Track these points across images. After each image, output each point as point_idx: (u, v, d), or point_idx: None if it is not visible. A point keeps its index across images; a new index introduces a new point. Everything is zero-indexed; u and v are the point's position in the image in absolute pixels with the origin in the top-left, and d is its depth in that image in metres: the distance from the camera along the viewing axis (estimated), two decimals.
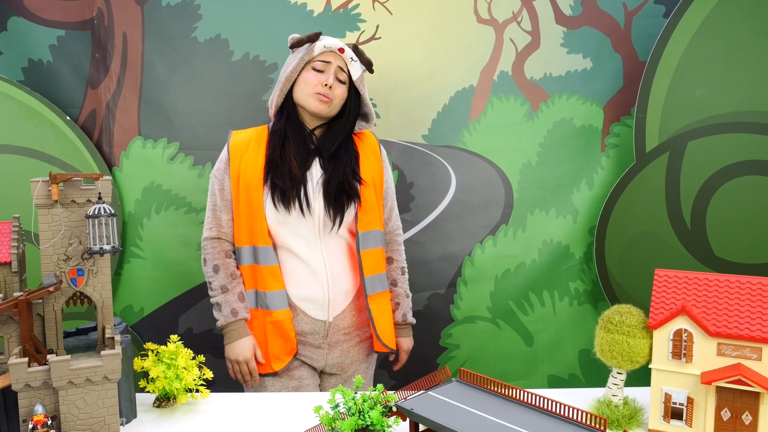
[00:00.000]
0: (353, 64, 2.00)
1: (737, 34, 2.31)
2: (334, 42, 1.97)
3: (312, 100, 1.96)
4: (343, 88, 2.01)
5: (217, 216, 2.01)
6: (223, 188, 2.00)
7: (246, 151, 1.99)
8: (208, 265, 1.99)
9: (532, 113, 2.59)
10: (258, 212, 1.94)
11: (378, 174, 2.10)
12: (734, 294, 1.37)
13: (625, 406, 1.48)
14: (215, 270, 1.98)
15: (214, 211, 2.02)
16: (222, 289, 1.96)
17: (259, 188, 1.94)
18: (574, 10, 2.56)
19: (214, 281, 1.97)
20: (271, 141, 1.98)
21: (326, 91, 1.96)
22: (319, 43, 1.96)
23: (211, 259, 1.99)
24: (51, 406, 1.30)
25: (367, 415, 1.18)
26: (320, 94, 1.95)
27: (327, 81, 1.95)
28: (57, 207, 1.36)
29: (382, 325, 2.06)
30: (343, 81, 2.00)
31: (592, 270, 2.62)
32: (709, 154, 2.36)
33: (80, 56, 2.47)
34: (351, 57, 1.99)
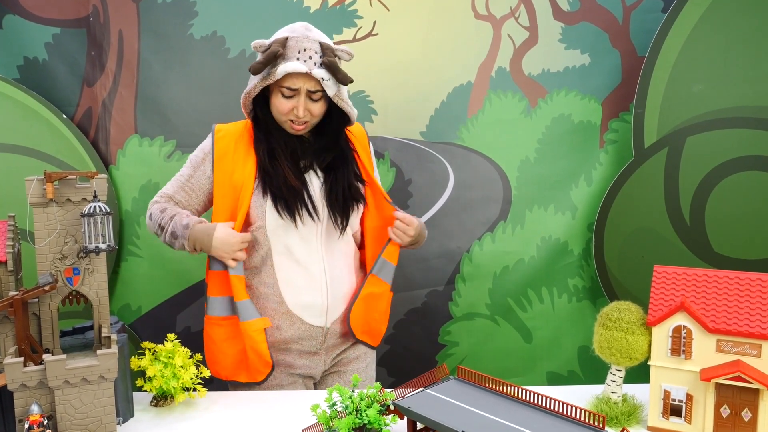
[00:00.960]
0: (326, 83, 1.73)
1: (735, 30, 2.30)
2: (296, 66, 1.70)
3: (286, 126, 1.82)
4: (320, 105, 1.80)
5: (169, 191, 1.89)
6: (193, 175, 1.87)
7: (234, 151, 1.84)
8: (154, 217, 1.84)
9: (530, 109, 2.58)
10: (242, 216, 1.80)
11: (370, 167, 1.99)
12: (733, 290, 1.37)
13: (624, 403, 1.48)
14: (162, 211, 1.83)
15: (172, 189, 1.89)
16: (171, 218, 1.81)
17: (248, 193, 1.80)
18: (572, 5, 2.55)
19: (163, 220, 1.81)
20: (258, 150, 1.83)
21: (300, 118, 1.78)
22: (281, 68, 1.70)
23: (156, 208, 1.85)
24: (47, 405, 1.29)
25: (365, 413, 1.17)
26: (292, 125, 1.80)
27: (297, 112, 1.75)
28: (52, 206, 1.35)
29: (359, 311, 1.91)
30: (316, 99, 1.78)
31: (590, 266, 2.62)
32: (708, 150, 2.35)
33: (76, 54, 2.46)
34: (322, 77, 1.72)
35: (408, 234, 1.90)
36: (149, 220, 1.87)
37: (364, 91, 2.53)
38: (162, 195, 1.91)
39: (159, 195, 1.91)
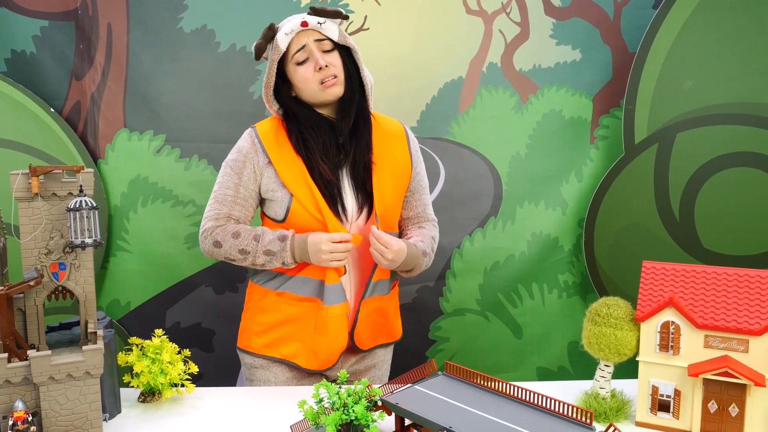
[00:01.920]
0: (325, 27, 1.73)
1: (726, 26, 2.31)
2: (292, 23, 1.73)
3: (323, 94, 1.75)
4: (335, 56, 1.76)
5: (223, 210, 1.77)
6: (240, 183, 1.77)
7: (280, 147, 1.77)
8: (225, 242, 1.73)
9: (522, 105, 2.58)
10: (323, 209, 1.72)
11: (404, 163, 1.88)
12: (721, 286, 1.37)
13: (613, 398, 1.48)
14: (236, 236, 1.73)
15: (222, 203, 1.78)
16: (255, 239, 1.71)
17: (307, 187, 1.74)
18: (563, 1, 2.55)
19: (243, 243, 1.71)
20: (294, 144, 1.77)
21: (327, 73, 1.73)
22: (280, 35, 1.73)
23: (224, 234, 1.74)
24: (32, 402, 1.28)
25: (352, 409, 1.17)
26: (324, 80, 1.73)
27: (319, 64, 1.71)
28: (38, 200, 1.33)
29: (366, 328, 1.84)
30: (329, 49, 1.76)
31: (581, 262, 2.62)
32: (698, 146, 2.36)
33: (64, 47, 2.44)
34: (318, 22, 1.73)
35: (385, 257, 1.71)
36: (216, 248, 1.75)
37: None
38: (217, 217, 1.77)
39: (213, 218, 1.77)
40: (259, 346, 1.84)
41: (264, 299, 1.83)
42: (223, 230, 1.75)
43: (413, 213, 1.96)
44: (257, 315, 1.85)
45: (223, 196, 1.79)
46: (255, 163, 1.77)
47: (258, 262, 1.74)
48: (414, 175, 1.92)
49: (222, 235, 1.74)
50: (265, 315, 1.83)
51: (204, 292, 2.53)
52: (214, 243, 1.75)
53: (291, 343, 1.81)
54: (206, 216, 1.80)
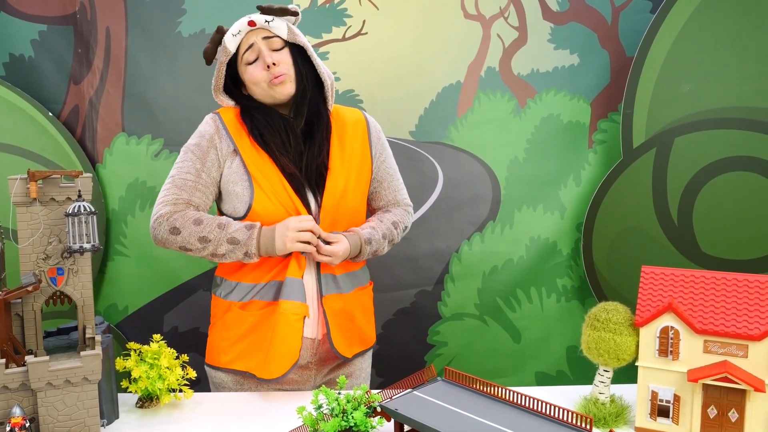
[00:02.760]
0: (273, 25, 1.71)
1: (724, 30, 2.31)
2: (240, 23, 1.71)
3: (273, 92, 1.72)
4: (285, 53, 1.73)
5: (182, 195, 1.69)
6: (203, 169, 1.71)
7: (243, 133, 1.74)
8: (185, 228, 1.64)
9: (520, 109, 2.58)
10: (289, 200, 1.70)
11: (362, 157, 1.84)
12: (720, 291, 1.37)
13: (612, 403, 1.48)
14: (197, 223, 1.65)
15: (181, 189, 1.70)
16: (220, 227, 1.65)
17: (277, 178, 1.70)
18: (561, 5, 2.55)
19: (205, 231, 1.64)
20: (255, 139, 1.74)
21: (274, 71, 1.70)
22: (228, 36, 1.72)
23: (184, 221, 1.65)
24: (29, 408, 1.27)
25: (351, 416, 1.16)
26: (272, 80, 1.70)
27: (266, 62, 1.69)
28: (36, 205, 1.33)
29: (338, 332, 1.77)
30: (279, 48, 1.73)
31: (579, 266, 2.62)
32: (696, 150, 2.36)
33: (62, 51, 2.44)
34: (265, 20, 1.70)
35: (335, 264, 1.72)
36: (172, 234, 1.66)
37: (354, 90, 2.53)
38: (175, 202, 1.69)
39: (170, 203, 1.68)
40: (228, 360, 1.76)
41: (228, 313, 1.77)
42: (182, 216, 1.66)
43: (384, 202, 1.92)
44: (222, 330, 1.78)
45: (182, 181, 1.70)
46: (219, 150, 1.72)
47: (219, 252, 1.65)
48: (377, 165, 1.88)
49: (181, 221, 1.65)
50: (230, 329, 1.76)
51: (202, 296, 2.53)
52: (171, 229, 1.65)
53: (255, 353, 1.73)
54: (162, 201, 1.70)
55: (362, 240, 1.77)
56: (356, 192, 1.81)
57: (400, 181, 1.96)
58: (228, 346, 1.77)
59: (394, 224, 1.87)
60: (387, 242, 1.85)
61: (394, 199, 1.93)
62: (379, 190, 1.91)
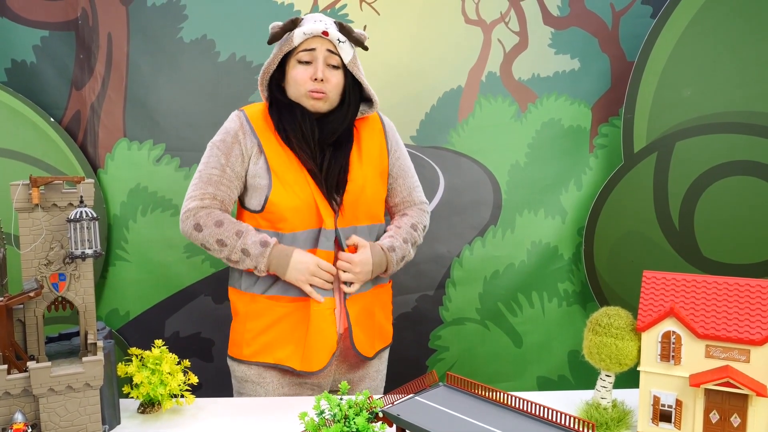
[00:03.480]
0: (342, 45, 1.74)
1: (724, 34, 2.31)
2: (315, 26, 1.71)
3: (306, 100, 1.75)
4: (337, 74, 1.77)
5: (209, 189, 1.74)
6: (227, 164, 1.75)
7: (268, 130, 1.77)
8: (207, 227, 1.70)
9: (521, 114, 2.58)
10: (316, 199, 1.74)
11: (380, 156, 1.88)
12: (722, 296, 1.37)
13: (614, 408, 1.48)
14: (219, 225, 1.70)
15: (208, 183, 1.75)
16: (237, 234, 1.70)
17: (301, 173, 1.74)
18: (561, 10, 2.56)
19: (224, 234, 1.69)
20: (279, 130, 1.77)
21: (319, 86, 1.73)
22: (298, 31, 1.71)
23: (208, 219, 1.71)
24: (31, 413, 1.27)
25: (353, 421, 1.16)
26: (312, 92, 1.73)
27: (316, 74, 1.72)
28: (38, 211, 1.33)
29: (359, 329, 1.82)
30: (336, 65, 1.76)
31: (580, 271, 2.62)
32: (697, 155, 2.36)
33: (64, 57, 2.44)
34: (338, 39, 1.73)
35: (354, 272, 1.75)
36: (196, 231, 1.72)
37: None
38: (202, 197, 1.74)
39: (198, 198, 1.74)
40: (252, 353, 1.80)
41: (253, 303, 1.80)
42: (207, 214, 1.73)
43: (399, 199, 1.96)
44: (247, 322, 1.81)
45: (208, 176, 1.76)
46: (244, 146, 1.76)
47: (233, 258, 1.72)
48: (393, 161, 1.92)
49: (205, 220, 1.72)
50: (256, 320, 1.79)
51: (203, 301, 2.53)
52: (195, 225, 1.73)
53: (284, 345, 1.78)
54: (190, 195, 1.77)
55: (384, 249, 1.82)
56: (374, 187, 1.86)
57: (415, 178, 2.01)
58: (252, 338, 1.80)
59: (413, 226, 1.93)
60: (410, 245, 1.90)
61: (409, 195, 1.97)
62: (395, 186, 1.95)
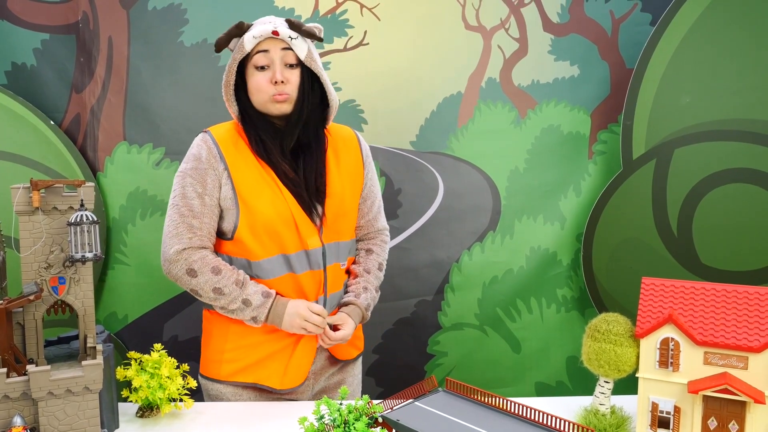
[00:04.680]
0: (295, 42, 1.66)
1: (723, 42, 2.32)
2: (264, 28, 1.65)
3: (271, 106, 1.69)
4: (295, 73, 1.69)
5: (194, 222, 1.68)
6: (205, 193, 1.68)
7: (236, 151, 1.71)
8: (203, 274, 1.65)
9: (520, 120, 2.59)
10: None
11: (357, 172, 1.86)
12: (721, 302, 1.37)
13: (612, 415, 1.48)
14: (216, 272, 1.65)
15: (191, 217, 1.68)
16: (237, 284, 1.66)
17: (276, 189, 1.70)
18: (561, 17, 2.57)
19: (221, 283, 1.65)
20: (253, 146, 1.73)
21: (280, 88, 1.67)
22: (248, 36, 1.66)
23: (203, 265, 1.66)
24: (30, 417, 1.27)
25: (353, 426, 1.16)
26: (276, 96, 1.67)
27: (275, 78, 1.66)
28: (38, 214, 1.33)
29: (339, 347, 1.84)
30: (293, 64, 1.69)
31: (579, 277, 2.62)
32: (696, 162, 2.37)
33: (65, 60, 2.45)
34: (289, 36, 1.66)
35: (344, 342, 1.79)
36: (189, 276, 1.66)
37: (355, 100, 2.54)
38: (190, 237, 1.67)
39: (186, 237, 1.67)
40: (230, 373, 1.76)
41: (233, 324, 1.76)
42: (201, 259, 1.66)
43: (364, 221, 1.93)
44: (225, 342, 1.77)
45: (189, 209, 1.68)
46: (216, 170, 1.69)
47: (230, 307, 1.67)
48: (367, 182, 1.90)
49: (200, 265, 1.66)
50: (236, 341, 1.76)
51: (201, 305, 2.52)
52: (188, 270, 1.66)
53: (264, 366, 1.75)
54: (172, 233, 1.68)
55: (362, 309, 1.84)
56: (353, 200, 1.85)
57: (381, 202, 1.99)
58: (231, 359, 1.77)
59: (380, 267, 1.95)
60: (378, 292, 1.94)
61: (374, 219, 1.95)
62: (362, 208, 1.91)
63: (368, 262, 1.92)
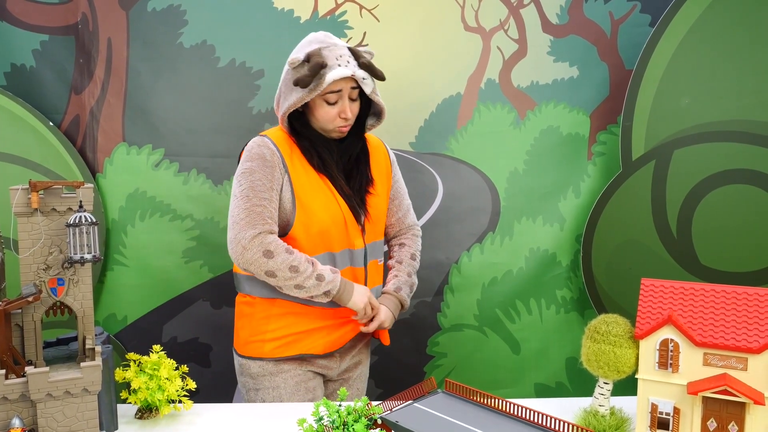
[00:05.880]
0: (365, 81, 1.80)
1: (722, 44, 2.33)
2: (343, 71, 1.74)
3: (332, 132, 1.85)
4: (357, 103, 1.86)
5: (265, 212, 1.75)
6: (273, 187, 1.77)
7: (293, 157, 1.83)
8: (279, 254, 1.72)
9: (519, 121, 2.59)
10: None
11: (387, 176, 2.01)
12: (720, 304, 1.37)
13: (612, 416, 1.48)
14: (289, 252, 1.74)
15: (261, 206, 1.75)
16: (308, 261, 1.76)
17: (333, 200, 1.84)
18: (560, 18, 2.57)
19: (296, 261, 1.73)
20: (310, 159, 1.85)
21: (347, 123, 1.83)
22: (329, 76, 1.73)
23: (277, 246, 1.73)
24: (29, 419, 1.27)
25: (352, 428, 1.16)
26: (340, 128, 1.83)
27: (345, 114, 1.80)
28: (37, 215, 1.33)
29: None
30: (355, 98, 1.84)
31: (578, 278, 2.62)
32: (695, 163, 2.37)
33: (64, 61, 2.44)
34: (362, 77, 1.79)
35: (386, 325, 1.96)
36: (266, 257, 1.72)
37: None
38: (263, 223, 1.75)
39: (260, 223, 1.74)
40: (272, 349, 1.86)
41: (273, 306, 1.86)
42: (276, 242, 1.74)
43: (394, 219, 2.07)
44: (266, 324, 1.87)
45: (259, 200, 1.75)
46: (280, 170, 1.79)
47: (305, 284, 1.74)
48: (394, 183, 2.05)
49: (275, 246, 1.73)
50: (277, 321, 1.86)
51: (201, 306, 2.53)
52: (264, 252, 1.71)
53: (308, 335, 1.87)
54: (244, 220, 1.74)
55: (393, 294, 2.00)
56: (386, 202, 2.02)
57: (409, 201, 2.13)
58: (274, 338, 1.87)
59: (412, 257, 2.09)
60: (414, 277, 2.09)
61: (404, 217, 2.09)
62: (392, 207, 2.06)
63: (401, 253, 2.07)
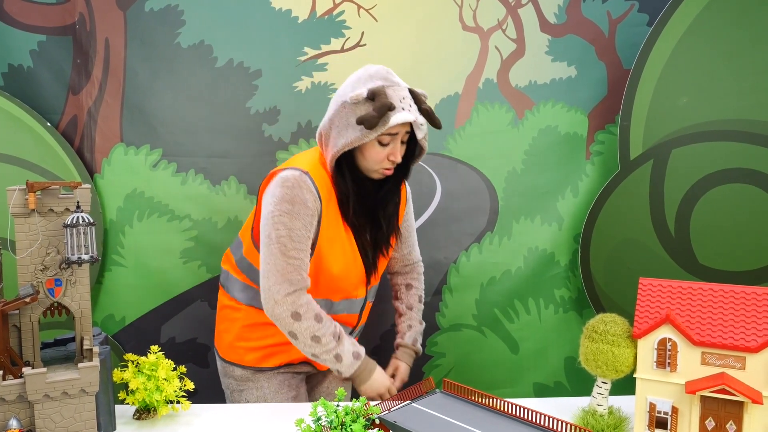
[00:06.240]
0: (422, 128, 1.78)
1: (720, 43, 2.33)
2: (406, 117, 1.70)
3: (375, 174, 1.82)
4: (404, 148, 1.82)
5: (302, 265, 1.73)
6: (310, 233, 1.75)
7: (330, 201, 1.80)
8: (306, 320, 1.71)
9: (517, 121, 2.59)
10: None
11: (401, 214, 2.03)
12: (718, 303, 1.37)
13: (610, 415, 1.48)
14: (318, 320, 1.73)
15: (299, 259, 1.73)
16: (334, 336, 1.75)
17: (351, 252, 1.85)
18: (558, 18, 2.57)
19: (321, 332, 1.72)
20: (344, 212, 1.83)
21: (392, 164, 1.79)
22: (393, 119, 1.69)
23: (308, 310, 1.72)
24: (26, 420, 1.27)
25: (350, 428, 1.16)
26: (385, 170, 1.80)
27: (395, 157, 1.77)
28: (34, 216, 1.33)
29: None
30: (404, 141, 1.81)
31: (577, 277, 2.62)
32: (693, 162, 2.37)
33: (61, 62, 2.44)
34: (420, 123, 1.76)
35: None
36: (293, 319, 1.71)
37: None
38: (300, 280, 1.72)
39: (296, 281, 1.72)
40: (254, 359, 1.86)
41: (259, 315, 1.83)
42: (308, 305, 1.72)
43: (399, 254, 2.14)
44: (249, 332, 1.86)
45: (297, 252, 1.72)
46: (317, 216, 1.76)
47: (322, 357, 1.75)
48: (404, 221, 2.07)
49: (305, 310, 1.71)
50: (261, 330, 1.85)
51: (199, 307, 2.52)
52: (293, 314, 1.70)
53: (289, 348, 1.84)
54: (279, 273, 1.71)
55: (410, 347, 2.10)
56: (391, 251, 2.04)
57: (415, 237, 2.19)
58: (257, 347, 1.88)
59: (420, 299, 2.20)
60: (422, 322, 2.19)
61: (409, 253, 2.17)
62: (398, 243, 2.08)
63: (409, 297, 2.16)
